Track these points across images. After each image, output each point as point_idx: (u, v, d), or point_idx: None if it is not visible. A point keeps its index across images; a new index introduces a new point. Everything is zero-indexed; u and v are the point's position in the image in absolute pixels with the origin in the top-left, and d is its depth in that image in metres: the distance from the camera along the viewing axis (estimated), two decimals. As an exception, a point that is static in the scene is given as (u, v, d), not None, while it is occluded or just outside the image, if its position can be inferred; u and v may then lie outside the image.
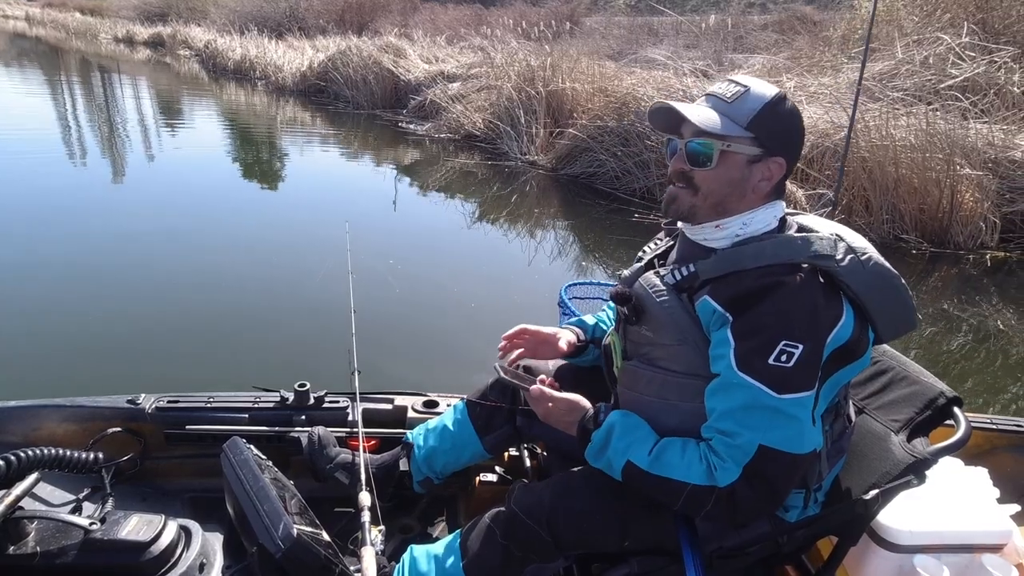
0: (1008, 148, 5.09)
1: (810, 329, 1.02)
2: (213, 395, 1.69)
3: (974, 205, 4.87)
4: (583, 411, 1.20)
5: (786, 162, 1.11)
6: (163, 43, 20.35)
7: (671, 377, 1.12)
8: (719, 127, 1.07)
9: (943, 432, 1.19)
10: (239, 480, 1.33)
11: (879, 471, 1.16)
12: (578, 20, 12.91)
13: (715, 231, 1.13)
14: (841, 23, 8.51)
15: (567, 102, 7.26)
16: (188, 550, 1.29)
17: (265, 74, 13.09)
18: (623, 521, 1.17)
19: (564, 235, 5.45)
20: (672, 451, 1.08)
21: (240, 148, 8.32)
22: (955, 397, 1.20)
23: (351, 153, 8.34)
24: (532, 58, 8.03)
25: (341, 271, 1.94)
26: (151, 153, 7.66)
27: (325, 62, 11.37)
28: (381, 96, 10.27)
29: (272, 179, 7.06)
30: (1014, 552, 1.35)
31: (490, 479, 1.65)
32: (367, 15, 16.31)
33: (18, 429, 1.57)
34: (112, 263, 4.20)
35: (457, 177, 6.88)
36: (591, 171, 6.54)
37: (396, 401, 1.76)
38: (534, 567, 1.19)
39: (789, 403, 1.01)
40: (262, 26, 16.24)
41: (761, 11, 11.97)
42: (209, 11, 20.76)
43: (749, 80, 1.12)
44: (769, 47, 9.00)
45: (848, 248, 1.08)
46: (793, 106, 1.12)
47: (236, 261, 4.37)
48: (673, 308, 1.11)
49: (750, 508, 1.05)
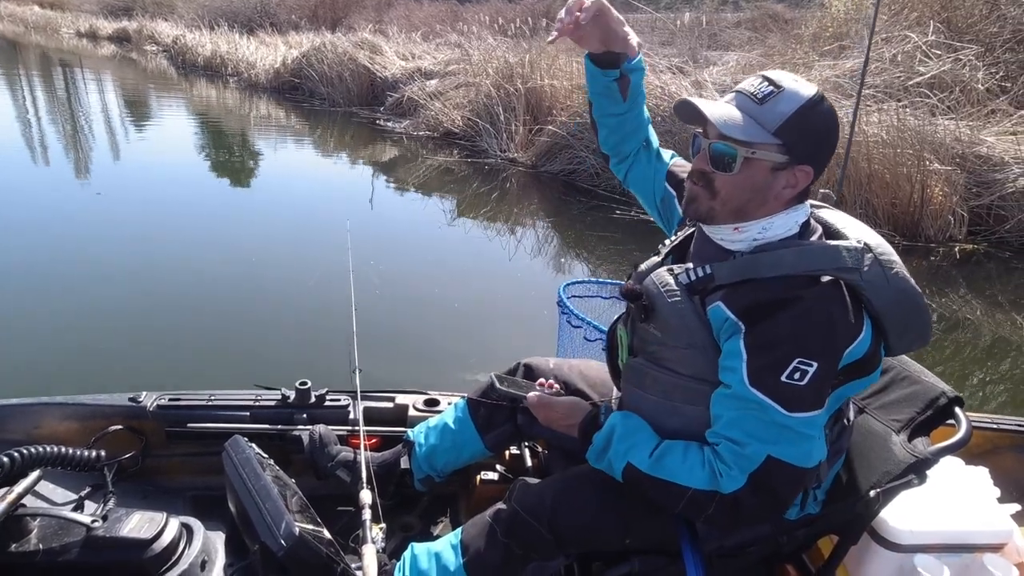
0: (974, 144, 5.25)
1: (826, 347, 1.00)
2: (214, 393, 1.69)
3: (943, 199, 5.03)
4: (583, 414, 1.19)
5: (813, 170, 1.05)
6: (128, 38, 19.83)
7: (677, 379, 1.10)
8: (745, 133, 1.01)
9: (944, 432, 1.18)
10: (241, 478, 1.33)
11: (880, 471, 1.16)
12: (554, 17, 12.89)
13: (733, 233, 1.09)
14: (812, 21, 8.67)
15: (546, 99, 7.27)
16: (190, 548, 1.29)
17: (237, 71, 12.85)
18: (624, 520, 1.16)
19: (551, 232, 5.47)
20: (674, 455, 1.06)
21: (234, 148, 8.22)
22: (956, 397, 1.20)
23: (328, 152, 8.26)
24: (510, 55, 8.02)
25: (341, 269, 1.94)
26: (141, 152, 7.60)
27: (299, 58, 11.19)
28: (357, 93, 10.15)
29: (271, 179, 7.03)
30: (1015, 552, 1.34)
31: (491, 477, 1.66)
32: (340, 11, 16.09)
33: (20, 427, 1.56)
34: (112, 261, 4.18)
35: (437, 175, 6.85)
36: (571, 168, 6.57)
37: (397, 399, 1.77)
38: (535, 565, 1.19)
39: (799, 422, 0.99)
40: (232, 21, 15.93)
41: (734, 9, 12.15)
42: (176, 5, 20.30)
43: (784, 78, 1.03)
44: (743, 44, 9.15)
45: (874, 260, 1.03)
46: (828, 110, 1.04)
47: (236, 260, 4.36)
48: (684, 311, 1.07)
49: (752, 516, 1.04)
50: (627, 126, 1.34)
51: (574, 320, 1.90)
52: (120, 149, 7.59)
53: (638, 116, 1.34)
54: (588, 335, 1.84)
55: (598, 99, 1.32)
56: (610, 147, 1.39)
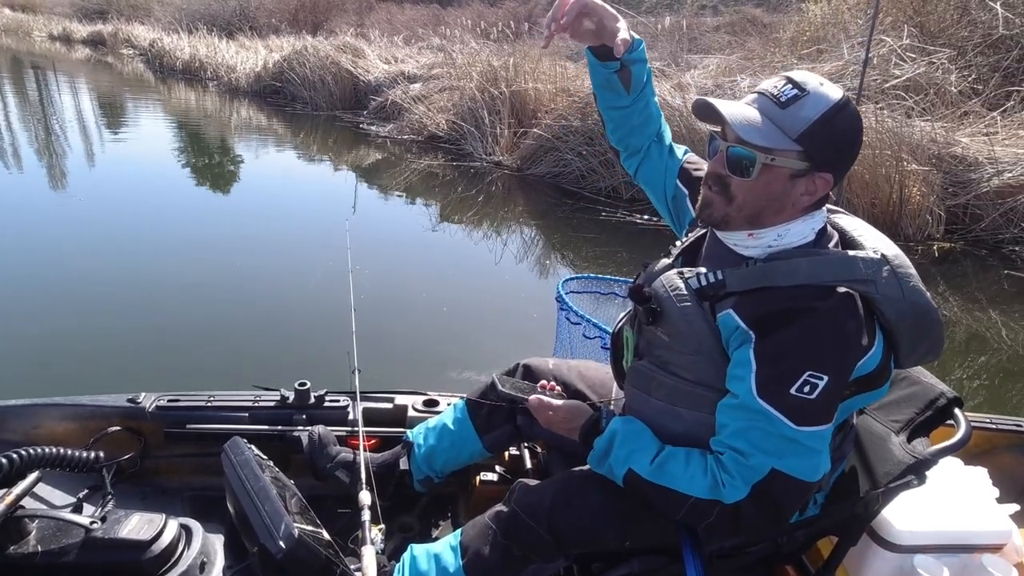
0: (949, 144, 5.38)
1: (838, 360, 0.98)
2: (213, 394, 1.68)
3: (921, 199, 5.14)
4: (584, 417, 1.18)
5: (833, 178, 1.02)
6: (104, 42, 19.51)
7: (682, 384, 1.08)
8: (765, 138, 0.98)
9: (943, 432, 1.18)
10: (240, 479, 1.32)
11: (879, 472, 1.16)
12: (536, 20, 12.99)
13: (747, 239, 1.07)
14: (790, 25, 8.83)
15: (530, 102, 7.29)
16: (189, 549, 1.28)
17: (217, 74, 12.70)
18: (624, 521, 1.15)
19: (538, 234, 5.49)
20: (675, 462, 1.05)
21: (223, 152, 8.17)
22: (955, 397, 1.19)
23: (310, 155, 8.20)
24: (494, 58, 8.04)
25: (341, 269, 1.94)
26: (130, 155, 7.58)
27: (280, 62, 11.10)
28: (340, 97, 10.09)
29: (264, 182, 7.06)
30: (1014, 552, 1.34)
31: (490, 478, 1.66)
32: (321, 14, 16.01)
33: (18, 428, 1.55)
34: (111, 262, 4.18)
35: (423, 178, 6.84)
36: (557, 171, 6.60)
37: (396, 400, 1.76)
38: (534, 566, 1.18)
39: (807, 435, 0.97)
40: (211, 25, 15.75)
41: (713, 13, 12.31)
42: (153, 9, 20.04)
43: (809, 80, 0.99)
44: (723, 48, 9.26)
45: (891, 271, 1.00)
46: (853, 114, 1.00)
47: (235, 261, 4.37)
48: (693, 317, 1.05)
49: (753, 526, 1.03)
50: (633, 119, 1.32)
51: (573, 317, 1.90)
52: (106, 153, 7.56)
53: (645, 109, 1.31)
54: (587, 332, 1.84)
55: (601, 91, 1.31)
56: (618, 140, 1.36)
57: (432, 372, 3.02)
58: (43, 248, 4.36)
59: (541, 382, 1.37)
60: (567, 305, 1.95)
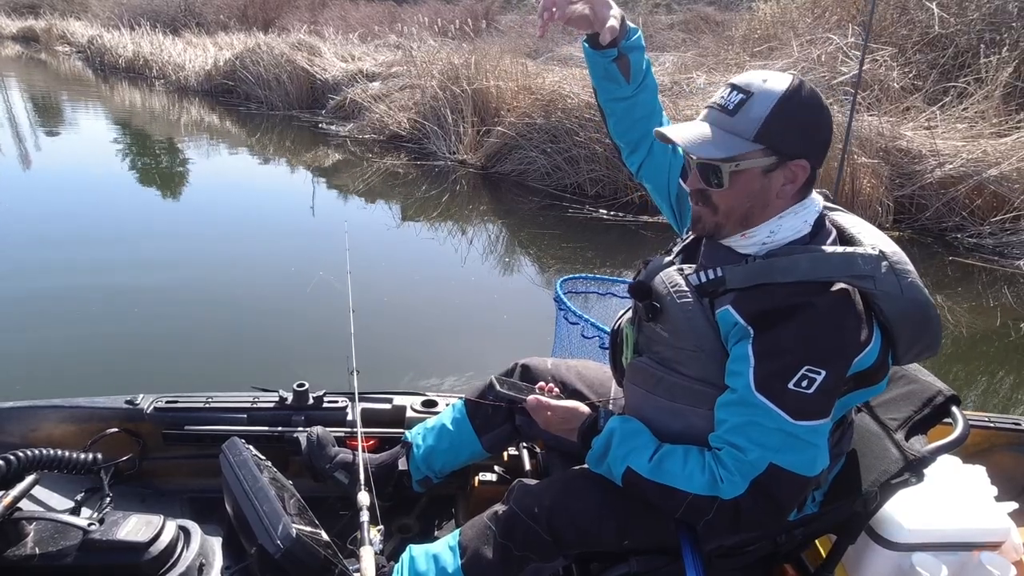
0: (895, 138, 5.66)
1: (836, 355, 0.98)
2: (212, 395, 1.66)
3: (871, 190, 5.39)
4: (582, 417, 1.19)
5: (809, 162, 1.02)
6: (36, 38, 18.54)
7: (682, 381, 1.08)
8: (721, 149, 0.99)
9: (941, 430, 1.18)
10: (238, 480, 1.32)
11: (877, 469, 1.16)
12: (493, 18, 13.00)
13: (741, 240, 1.08)
14: (741, 23, 9.09)
15: (493, 100, 7.29)
16: (187, 550, 1.28)
17: (164, 73, 12.23)
18: (623, 520, 1.15)
19: (501, 231, 5.51)
20: (673, 459, 1.06)
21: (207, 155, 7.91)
22: (953, 395, 1.19)
23: (266, 157, 8.01)
24: (454, 56, 8.01)
25: (339, 271, 1.93)
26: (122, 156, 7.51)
27: (232, 60, 10.77)
28: (297, 96, 9.87)
29: (268, 179, 7.04)
30: (1012, 550, 1.34)
31: (489, 478, 1.66)
32: (272, 11, 15.59)
33: (16, 430, 1.53)
34: (109, 264, 4.13)
35: (385, 178, 6.77)
36: (522, 168, 6.63)
37: (395, 401, 1.76)
38: (533, 566, 1.18)
39: (805, 430, 0.98)
40: (154, 21, 15.13)
41: (667, 11, 12.56)
42: (90, 4, 19.12)
43: (752, 80, 1.01)
44: (678, 46, 9.48)
45: (889, 268, 1.00)
46: (807, 98, 1.00)
47: (234, 262, 4.35)
48: (693, 313, 1.06)
49: (752, 522, 1.03)
50: (637, 111, 1.29)
51: (571, 317, 1.90)
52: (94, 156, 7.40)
53: (648, 101, 1.30)
54: (585, 332, 1.84)
55: (601, 83, 1.28)
56: (620, 135, 1.34)
57: (431, 372, 3.03)
58: (42, 248, 4.31)
59: (539, 383, 1.36)
60: (565, 305, 1.95)
